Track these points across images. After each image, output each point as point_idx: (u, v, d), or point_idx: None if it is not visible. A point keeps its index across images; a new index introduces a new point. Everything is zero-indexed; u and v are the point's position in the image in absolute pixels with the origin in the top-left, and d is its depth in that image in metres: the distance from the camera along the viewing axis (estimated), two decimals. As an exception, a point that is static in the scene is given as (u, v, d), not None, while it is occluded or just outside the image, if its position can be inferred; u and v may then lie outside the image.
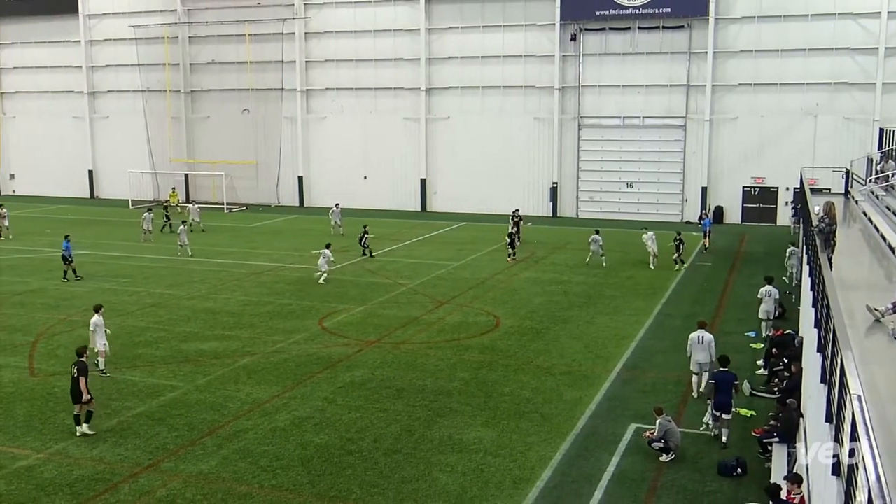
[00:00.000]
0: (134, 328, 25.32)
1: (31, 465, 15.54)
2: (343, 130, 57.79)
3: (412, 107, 55.85)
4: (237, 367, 21.40)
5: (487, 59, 53.68)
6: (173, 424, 17.49)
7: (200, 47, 60.80)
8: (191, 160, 61.78)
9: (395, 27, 55.40)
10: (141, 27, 61.00)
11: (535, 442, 16.49)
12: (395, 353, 22.70)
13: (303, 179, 59.20)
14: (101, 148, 65.06)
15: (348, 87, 57.32)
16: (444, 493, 14.27)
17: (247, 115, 59.82)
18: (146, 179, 62.09)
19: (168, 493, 14.30)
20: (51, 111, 66.16)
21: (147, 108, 61.85)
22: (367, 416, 17.87)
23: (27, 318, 26.71)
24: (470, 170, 54.82)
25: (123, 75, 63.04)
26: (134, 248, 40.22)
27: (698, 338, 18.79)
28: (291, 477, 14.95)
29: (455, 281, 32.34)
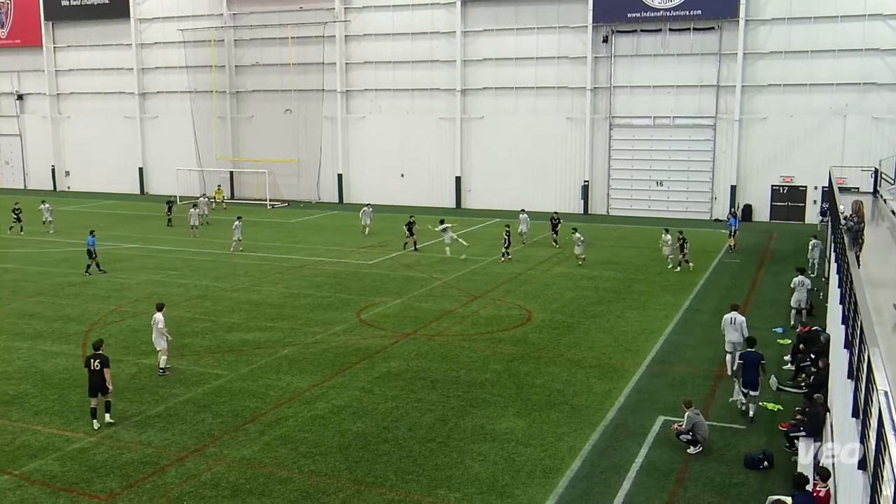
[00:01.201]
0: (181, 319, 25.59)
1: (83, 447, 15.80)
2: (381, 130, 57.95)
3: (447, 107, 55.82)
4: (279, 357, 21.58)
5: (521, 60, 53.48)
6: (218, 411, 17.68)
7: (245, 50, 61.28)
8: (235, 158, 62.35)
9: (432, 30, 55.40)
10: (189, 31, 61.64)
11: (565, 432, 16.42)
12: (430, 344, 22.73)
13: (342, 177, 59.47)
14: (150, 146, 65.90)
15: (386, 88, 57.43)
16: (477, 481, 14.27)
17: (289, 115, 60.20)
18: (193, 176, 62.79)
19: (213, 477, 14.46)
20: (104, 111, 67.14)
21: (194, 109, 62.53)
22: (402, 406, 17.92)
23: (80, 308, 27.15)
24: (503, 168, 54.68)
25: (172, 77, 63.77)
26: (181, 241, 40.68)
27: (731, 319, 19.60)
28: (330, 463, 15.04)
29: (488, 276, 32.29)
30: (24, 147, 71.44)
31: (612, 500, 13.59)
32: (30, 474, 14.59)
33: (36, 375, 20.17)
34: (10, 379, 19.87)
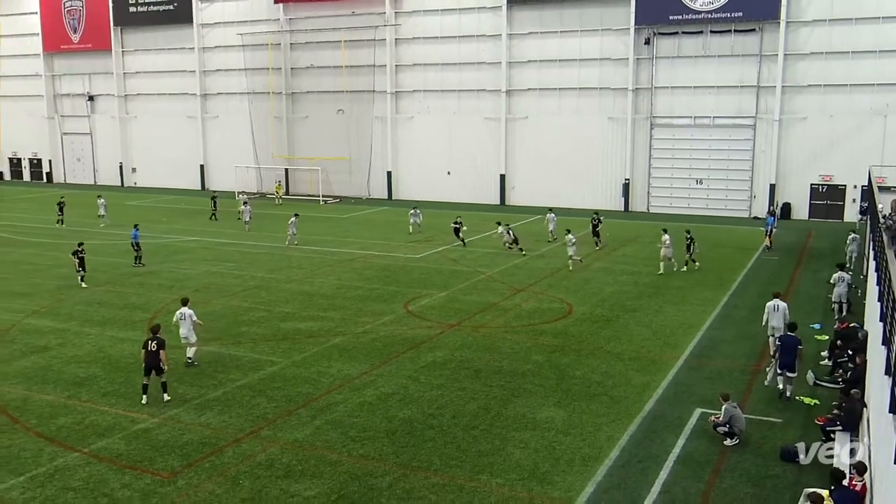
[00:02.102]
0: (239, 308, 25.97)
1: (147, 427, 16.13)
2: (429, 129, 58.01)
3: (493, 107, 55.64)
4: (330, 346, 21.76)
5: (565, 62, 53.06)
6: (272, 396, 17.90)
7: (300, 53, 61.78)
8: (290, 156, 62.97)
9: (479, 33, 55.23)
10: (248, 35, 62.34)
11: (604, 423, 16.30)
12: (474, 336, 22.72)
13: (391, 174, 59.68)
14: (211, 144, 66.86)
15: (434, 89, 57.44)
16: (518, 468, 14.24)
17: (341, 115, 60.58)
18: (251, 173, 63.60)
19: (267, 458, 14.65)
20: (168, 111, 68.27)
21: (252, 109, 63.29)
22: (447, 394, 17.95)
23: (145, 297, 27.69)
24: (546, 166, 54.36)
25: (232, 79, 64.59)
26: (238, 234, 41.23)
27: (774, 306, 19.99)
28: (377, 447, 15.13)
29: (531, 270, 32.15)
30: (94, 145, 73.04)
31: (649, 489, 13.46)
32: (98, 452, 14.94)
33: (104, 359, 20.64)
34: (80, 362, 20.37)
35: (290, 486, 13.51)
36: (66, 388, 18.40)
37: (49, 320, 24.57)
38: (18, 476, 13.96)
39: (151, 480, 13.79)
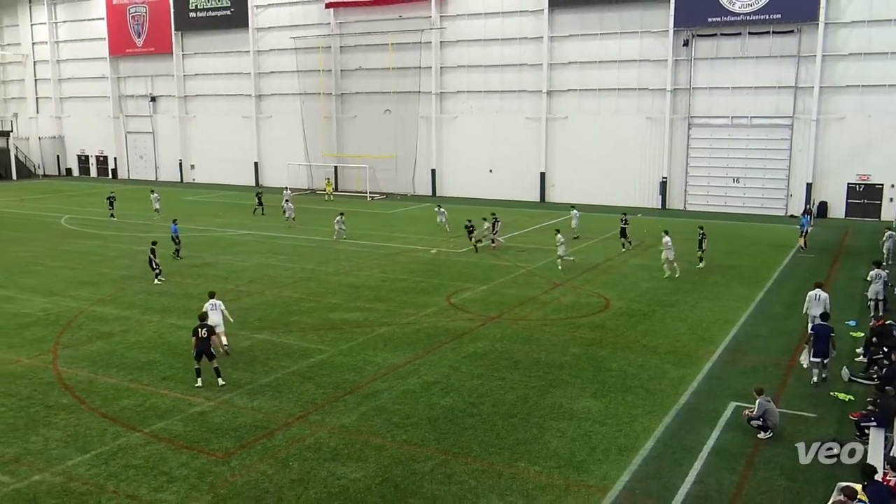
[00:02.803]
0: (290, 298, 26.25)
1: (203, 410, 16.40)
2: (472, 129, 57.92)
3: (534, 108, 55.33)
4: (375, 336, 21.88)
5: (604, 63, 52.51)
6: (320, 382, 18.07)
7: (350, 55, 62.14)
8: (340, 154, 63.42)
9: (521, 36, 54.95)
10: (300, 38, 62.93)
11: (639, 414, 16.14)
12: (514, 328, 22.66)
13: (435, 172, 59.75)
14: (264, 143, 67.65)
15: (477, 90, 57.32)
16: (555, 456, 14.18)
17: (388, 115, 60.82)
18: (302, 170, 64.23)
19: (315, 441, 14.81)
20: (224, 111, 69.24)
21: (304, 109, 63.87)
22: (487, 384, 17.94)
23: (202, 287, 28.05)
24: (585, 164, 53.92)
25: (285, 80, 65.24)
26: (289, 228, 41.63)
27: (815, 295, 20.17)
28: (420, 433, 15.19)
29: (569, 265, 31.92)
30: (155, 143, 74.43)
31: (683, 479, 13.29)
32: (157, 432, 15.24)
33: (164, 345, 21.04)
34: (142, 347, 20.80)
35: (336, 469, 13.64)
36: (128, 372, 18.81)
37: (113, 308, 25.13)
38: (85, 453, 14.32)
39: (207, 460, 14.03)
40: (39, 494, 12.79)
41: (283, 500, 12.59)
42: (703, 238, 31.41)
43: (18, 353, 20.29)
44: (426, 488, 12.97)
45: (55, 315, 24.20)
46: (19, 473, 13.54)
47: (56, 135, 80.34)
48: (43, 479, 13.32)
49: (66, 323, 23.31)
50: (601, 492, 12.89)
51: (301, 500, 12.56)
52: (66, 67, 78.38)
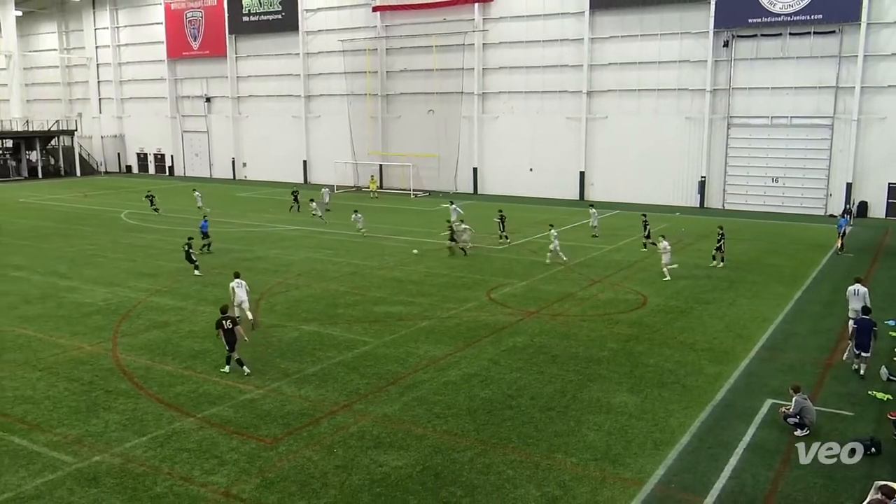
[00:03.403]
0: (336, 292, 26.47)
1: (253, 398, 16.63)
2: (513, 128, 57.70)
3: (574, 108, 54.88)
4: (417, 329, 21.95)
5: (644, 64, 51.84)
6: (364, 373, 18.19)
7: (395, 57, 62.36)
8: (385, 153, 63.73)
9: (562, 37, 54.53)
10: (348, 41, 63.35)
11: (675, 409, 15.93)
12: (552, 323, 22.54)
13: (477, 170, 59.67)
14: (313, 142, 68.28)
15: (519, 90, 57.06)
16: (592, 448, 14.08)
17: (431, 115, 60.91)
18: (348, 168, 64.69)
19: (359, 430, 14.92)
20: (275, 112, 70.04)
21: (350, 109, 64.30)
22: (525, 377, 17.88)
23: (253, 280, 28.32)
24: (624, 164, 53.34)
25: (333, 82, 65.75)
26: (336, 224, 41.84)
27: (854, 290, 20.19)
28: (460, 424, 15.21)
29: (607, 262, 31.65)
30: (210, 142, 75.65)
31: (718, 474, 13.08)
32: (209, 418, 15.51)
33: (215, 335, 21.34)
34: (195, 337, 21.16)
35: (379, 457, 13.73)
36: (183, 360, 19.16)
37: (169, 299, 25.62)
38: (142, 436, 14.64)
39: (256, 445, 14.22)
40: (100, 474, 13.12)
41: (327, 485, 12.71)
42: (721, 238, 30.60)
43: (81, 341, 20.83)
44: (465, 477, 12.98)
45: (115, 305, 24.77)
46: (81, 454, 13.91)
47: (117, 134, 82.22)
48: (103, 460, 13.65)
49: (126, 312, 23.84)
50: (637, 485, 12.77)
51: (345, 486, 12.67)
52: (126, 70, 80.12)
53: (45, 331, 21.81)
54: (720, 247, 30.46)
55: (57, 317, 23.34)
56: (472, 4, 57.39)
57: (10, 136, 76.41)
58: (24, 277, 28.94)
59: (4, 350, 20.03)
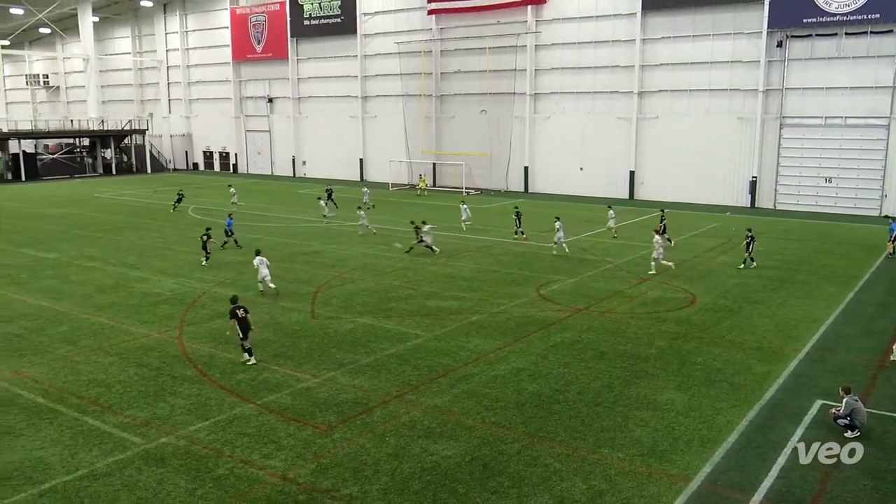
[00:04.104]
0: (389, 286, 26.65)
1: (309, 386, 16.87)
2: (564, 128, 57.19)
3: (625, 108, 54.13)
4: (468, 323, 21.95)
5: (696, 64, 50.79)
6: (416, 365, 18.29)
7: (449, 59, 62.39)
8: (438, 152, 63.86)
9: (614, 38, 53.80)
10: (404, 43, 63.64)
11: (723, 408, 15.60)
12: (601, 320, 22.30)
13: (528, 169, 59.35)
14: (369, 141, 68.82)
15: (570, 91, 56.52)
16: (638, 444, 13.90)
17: (484, 115, 60.77)
18: (402, 167, 65.03)
19: (410, 420, 15.01)
20: (333, 112, 70.79)
21: (406, 110, 64.61)
22: (573, 372, 17.73)
23: (311, 273, 28.93)
24: (674, 163, 52.40)
25: (389, 83, 66.13)
26: (390, 220, 42.06)
27: None
28: (508, 416, 15.17)
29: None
30: (271, 141, 76.91)
31: (766, 473, 12.77)
32: (268, 405, 15.79)
33: (275, 325, 21.72)
34: (256, 327, 21.39)
35: (429, 446, 13.79)
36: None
37: (232, 290, 26.01)
38: (205, 420, 15.00)
39: (311, 432, 14.43)
40: (166, 455, 13.50)
41: (379, 472, 12.83)
42: (751, 240, 29.48)
43: (150, 328, 21.44)
44: (513, 468, 12.95)
45: (182, 295, 25.41)
46: (149, 435, 14.33)
47: (185, 133, 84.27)
48: (169, 442, 14.04)
49: (191, 302, 24.44)
50: (683, 481, 12.55)
51: (396, 473, 12.77)
52: (194, 72, 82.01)
53: (117, 319, 22.52)
54: (749, 248, 29.46)
55: (128, 306, 24.07)
56: (525, 7, 57.04)
57: (86, 134, 79.10)
58: (98, 268, 29.92)
59: (80, 336, 20.75)
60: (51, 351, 19.37)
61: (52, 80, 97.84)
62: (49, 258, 32.06)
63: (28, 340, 20.42)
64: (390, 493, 12.14)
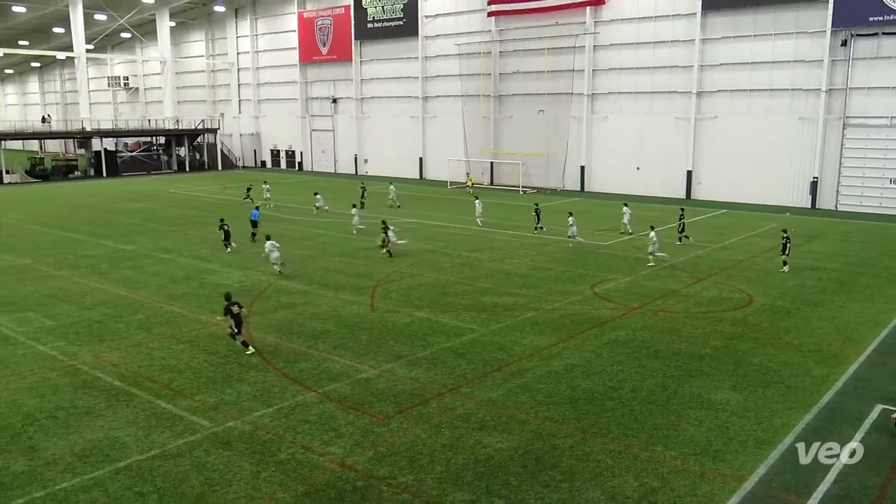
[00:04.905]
0: (446, 281, 26.73)
1: (368, 377, 17.05)
2: (621, 128, 56.31)
3: (683, 108, 52.95)
4: (523, 319, 21.86)
5: (756, 64, 49.32)
6: (471, 359, 18.29)
7: (508, 60, 62.08)
8: (496, 151, 63.66)
9: (672, 39, 52.67)
10: (463, 45, 63.60)
11: (779, 409, 15.14)
12: (655, 318, 21.91)
13: (584, 168, 58.66)
14: (429, 140, 69.06)
15: (628, 91, 55.60)
16: (692, 443, 13.61)
17: (541, 115, 60.31)
18: (461, 165, 65.07)
19: (465, 412, 15.04)
20: (394, 112, 71.25)
21: (464, 110, 64.57)
22: (626, 370, 17.48)
23: (371, 268, 29.22)
24: (733, 163, 51.01)
25: (448, 84, 66.21)
26: (448, 217, 42.19)
27: None
28: (561, 412, 15.05)
29: (712, 261, 30.42)
30: (335, 140, 77.93)
31: (823, 476, 12.32)
32: (328, 393, 16.03)
33: (336, 317, 22.02)
34: (318, 318, 21.91)
35: (483, 438, 13.79)
36: (306, 340, 19.86)
37: (296, 283, 26.64)
38: (269, 407, 15.33)
39: (370, 421, 14.59)
40: (232, 439, 13.84)
41: (434, 461, 12.90)
42: (787, 242, 28.36)
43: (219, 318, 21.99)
44: (565, 463, 12.85)
45: (249, 286, 25.99)
46: (217, 419, 14.72)
47: (253, 132, 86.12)
48: (235, 426, 14.39)
49: (258, 294, 24.98)
50: (737, 481, 12.24)
51: (450, 464, 12.81)
52: (263, 73, 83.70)
53: (189, 308, 23.19)
54: (786, 250, 28.35)
55: (199, 296, 24.76)
56: (583, 8, 56.34)
57: (162, 133, 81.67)
58: (171, 260, 30.86)
59: (155, 324, 21.45)
60: (127, 337, 20.07)
61: (131, 81, 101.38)
62: (127, 250, 33.22)
63: (107, 327, 21.21)
64: (444, 482, 12.19)
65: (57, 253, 32.42)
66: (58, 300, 24.20)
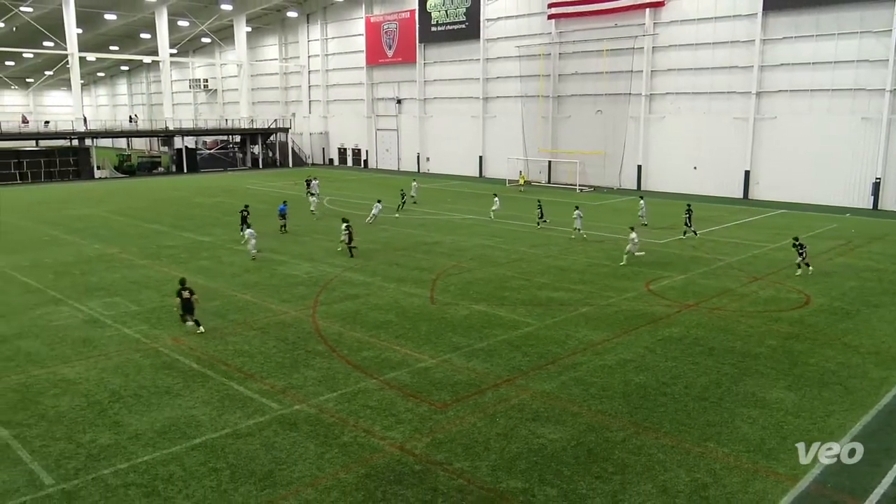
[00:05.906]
0: (503, 276, 26.64)
1: (427, 366, 17.16)
2: (679, 128, 55.02)
3: (742, 108, 51.36)
4: (577, 314, 21.63)
5: (818, 64, 47.44)
6: (527, 351, 18.21)
7: (567, 61, 61.38)
8: (553, 150, 63.07)
9: (732, 39, 51.11)
10: (524, 47, 63.15)
11: (835, 410, 14.57)
12: (710, 316, 21.36)
13: (641, 168, 57.57)
14: (489, 140, 68.90)
15: (686, 91, 54.27)
16: (745, 441, 13.23)
17: (599, 115, 59.43)
18: (520, 164, 64.68)
19: (519, 403, 14.98)
20: (456, 112, 71.32)
21: (524, 110, 64.16)
22: (680, 366, 17.10)
23: (431, 261, 29.36)
24: (792, 163, 49.23)
25: (509, 85, 65.88)
26: (506, 215, 41.88)
27: None
28: (614, 405, 14.85)
29: (770, 261, 29.45)
30: (399, 139, 78.53)
31: (879, 479, 11.83)
32: (389, 381, 16.20)
33: (397, 308, 22.21)
34: (380, 309, 22.15)
35: (537, 429, 13.72)
36: (369, 329, 20.10)
37: (360, 275, 26.98)
38: (333, 392, 15.59)
39: (428, 408, 14.68)
40: (298, 421, 14.14)
41: (489, 449, 12.90)
42: (800, 248, 26.52)
43: (288, 307, 22.47)
44: (617, 456, 12.67)
45: (316, 277, 26.46)
46: (284, 402, 15.05)
47: (322, 131, 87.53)
48: (301, 409, 14.69)
49: (324, 284, 25.41)
50: (790, 480, 11.85)
51: (504, 452, 12.79)
52: (332, 75, 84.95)
53: (260, 297, 23.75)
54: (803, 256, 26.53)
55: (269, 286, 25.33)
56: (643, 10, 55.22)
57: (238, 132, 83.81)
58: (245, 251, 31.61)
59: (229, 311, 22.06)
60: (204, 323, 20.68)
61: (210, 83, 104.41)
62: (205, 241, 34.24)
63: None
64: (498, 470, 12.18)
65: (141, 243, 33.66)
66: (142, 287, 25.13)
